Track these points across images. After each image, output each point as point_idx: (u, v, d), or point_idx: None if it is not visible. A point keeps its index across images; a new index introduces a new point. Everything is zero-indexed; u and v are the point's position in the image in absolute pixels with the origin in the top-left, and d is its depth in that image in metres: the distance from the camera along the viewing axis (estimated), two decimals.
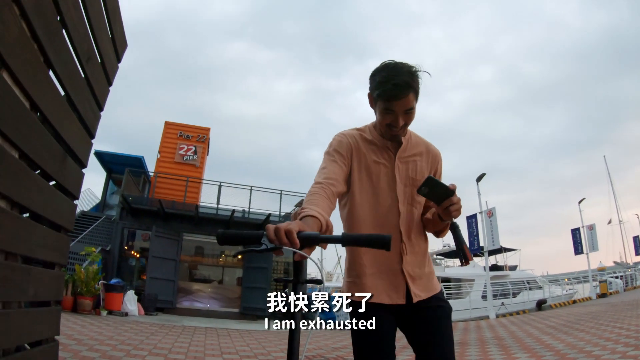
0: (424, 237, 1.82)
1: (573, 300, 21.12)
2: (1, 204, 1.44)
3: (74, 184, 2.11)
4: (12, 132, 1.45)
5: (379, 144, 1.79)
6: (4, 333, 1.49)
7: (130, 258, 17.09)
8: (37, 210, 1.70)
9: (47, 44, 1.67)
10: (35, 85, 1.61)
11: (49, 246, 1.85)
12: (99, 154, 20.37)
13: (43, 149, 1.72)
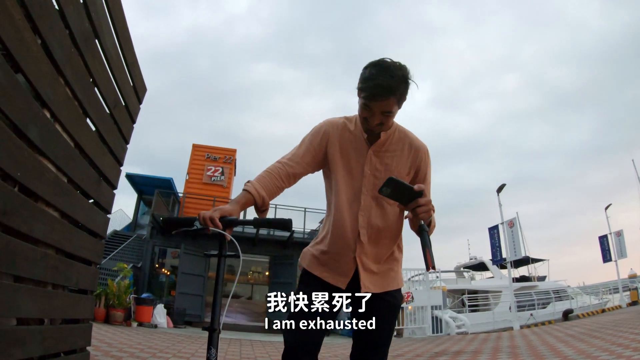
0: (391, 233, 1.81)
1: (602, 310, 20.70)
2: (54, 214, 2.09)
3: (107, 201, 2.77)
4: (62, 164, 2.12)
5: (358, 135, 1.80)
6: (54, 307, 2.13)
7: (161, 275, 17.84)
8: (80, 220, 2.36)
9: (84, 99, 2.34)
10: (77, 130, 2.27)
11: (88, 248, 2.51)
12: (130, 176, 21.36)
13: (83, 175, 2.38)
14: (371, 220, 1.77)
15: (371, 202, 1.77)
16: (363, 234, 1.76)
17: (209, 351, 1.46)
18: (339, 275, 1.78)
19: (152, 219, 17.06)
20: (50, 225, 2.02)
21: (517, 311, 17.21)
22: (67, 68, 2.13)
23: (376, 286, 1.78)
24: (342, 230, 1.77)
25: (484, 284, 24.65)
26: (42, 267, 1.96)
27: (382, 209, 1.78)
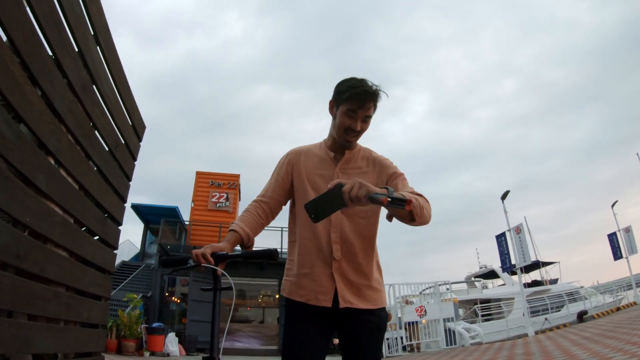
0: (365, 247, 1.84)
1: (617, 308, 20.48)
2: (63, 253, 2.22)
3: (113, 238, 2.90)
4: (69, 206, 2.25)
5: (324, 156, 1.90)
6: (67, 341, 2.25)
7: (171, 303, 17.85)
8: (88, 257, 2.48)
9: (86, 144, 2.48)
10: (80, 173, 2.41)
11: (97, 284, 2.63)
12: (135, 206, 21.47)
13: (89, 214, 2.51)
14: (344, 236, 1.80)
15: (342, 218, 1.79)
16: (337, 249, 1.78)
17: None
18: (321, 294, 1.77)
19: (159, 248, 17.15)
20: (60, 265, 2.15)
21: (530, 316, 17.08)
22: (68, 116, 2.27)
23: (357, 300, 1.79)
24: (315, 249, 1.81)
25: (496, 292, 24.44)
26: (55, 305, 2.08)
27: (354, 224, 1.81)
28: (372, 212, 1.83)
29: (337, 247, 1.79)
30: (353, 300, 1.78)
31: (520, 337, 15.82)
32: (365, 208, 1.78)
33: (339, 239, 1.79)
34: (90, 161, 2.57)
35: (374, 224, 1.87)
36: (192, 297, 15.50)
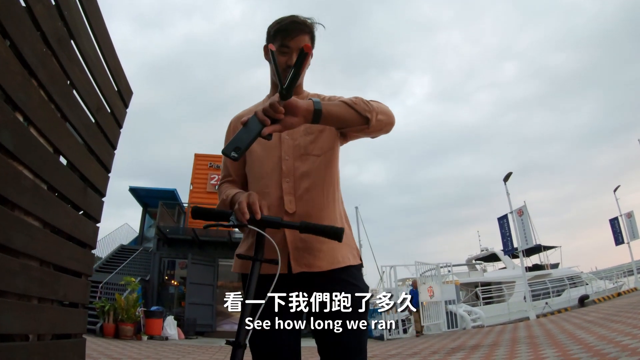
0: (324, 192, 1.59)
1: (618, 293, 20.53)
2: (35, 223, 1.97)
3: (95, 210, 2.65)
4: (40, 170, 2.00)
5: None
6: (41, 321, 2.01)
7: (170, 286, 17.81)
8: (65, 230, 2.23)
9: (62, 103, 2.22)
10: (55, 135, 2.15)
11: (76, 259, 2.38)
12: (133, 189, 21.42)
13: (66, 182, 2.26)
14: (296, 184, 1.56)
15: (294, 164, 1.57)
16: (289, 201, 1.54)
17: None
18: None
19: (157, 230, 17.03)
20: (31, 236, 1.90)
21: (532, 300, 17.07)
22: (40, 70, 2.01)
23: (318, 260, 1.51)
24: (264, 206, 1.47)
25: (497, 275, 24.49)
26: (24, 279, 1.84)
27: (308, 164, 1.58)
28: (328, 146, 1.61)
29: (291, 199, 1.54)
30: (311, 260, 1.51)
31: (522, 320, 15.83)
32: (321, 144, 1.59)
33: (292, 189, 1.55)
34: (67, 123, 2.31)
35: (332, 161, 1.63)
36: (191, 280, 15.40)
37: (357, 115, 1.42)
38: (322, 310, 1.45)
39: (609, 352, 4.83)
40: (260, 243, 1.39)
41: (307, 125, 1.52)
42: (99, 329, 11.76)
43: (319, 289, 1.46)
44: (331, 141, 1.61)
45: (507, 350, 6.87)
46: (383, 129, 1.54)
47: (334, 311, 1.43)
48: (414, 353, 7.94)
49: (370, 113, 1.43)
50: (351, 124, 1.44)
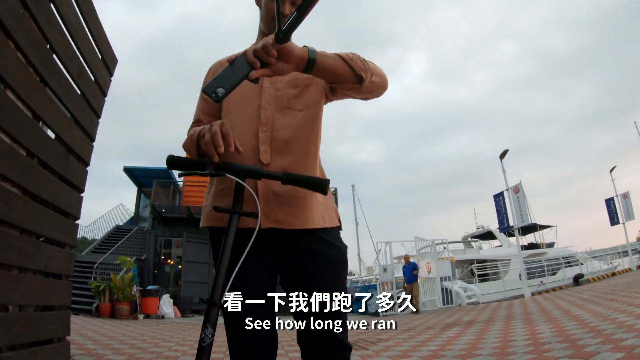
0: (302, 147, 1.47)
1: (612, 273, 20.69)
2: (14, 190, 1.90)
3: (78, 179, 2.57)
4: (18, 135, 1.92)
5: None
6: (21, 292, 1.95)
7: (166, 265, 17.84)
8: (46, 197, 2.16)
9: (41, 67, 2.13)
10: (34, 99, 2.07)
11: (58, 228, 2.31)
12: (128, 169, 21.29)
13: (46, 148, 2.18)
14: (275, 134, 1.44)
15: (274, 114, 1.46)
16: (265, 151, 1.42)
17: (204, 330, 1.16)
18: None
19: (152, 210, 16.98)
20: (7, 202, 1.83)
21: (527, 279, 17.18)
22: (17, 31, 1.92)
23: (289, 217, 1.40)
24: (237, 155, 1.38)
25: (493, 252, 24.65)
26: (2, 248, 1.77)
27: (289, 118, 1.47)
28: (312, 100, 1.49)
29: (266, 149, 1.42)
30: (282, 217, 1.40)
31: (517, 298, 15.94)
32: (306, 98, 1.48)
33: (269, 139, 1.43)
34: (47, 88, 2.22)
35: (315, 117, 1.51)
36: (187, 258, 15.39)
37: (351, 72, 1.32)
38: (297, 272, 1.40)
39: (605, 329, 4.83)
40: (240, 194, 1.29)
41: (293, 76, 1.46)
42: (94, 309, 11.76)
43: (290, 245, 1.40)
44: (317, 96, 1.49)
45: (502, 326, 6.89)
46: (375, 91, 1.44)
47: (310, 273, 1.38)
48: (409, 328, 7.97)
49: (365, 72, 1.34)
50: (344, 80, 1.34)
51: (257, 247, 1.31)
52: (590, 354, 3.52)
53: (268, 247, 1.40)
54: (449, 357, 4.32)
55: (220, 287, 1.19)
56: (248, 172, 1.29)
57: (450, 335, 6.37)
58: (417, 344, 5.66)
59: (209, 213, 1.47)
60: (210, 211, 1.45)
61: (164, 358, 4.58)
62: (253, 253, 1.27)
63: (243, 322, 1.32)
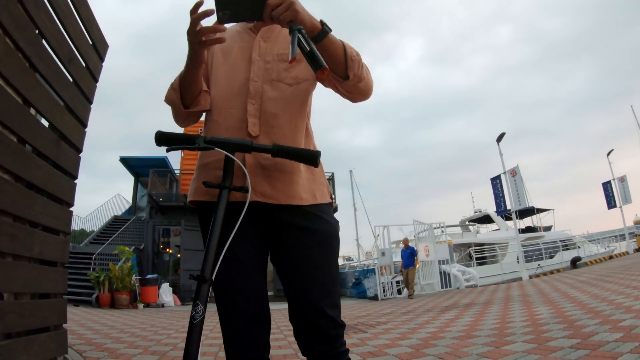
0: (292, 121, 1.44)
1: (610, 256, 20.80)
2: (6, 177, 1.87)
3: (71, 165, 2.55)
4: (9, 121, 1.89)
5: (241, 29, 1.57)
6: (15, 279, 1.93)
7: (164, 254, 17.86)
8: (38, 184, 2.13)
9: (30, 52, 2.09)
10: (24, 85, 2.03)
11: (52, 215, 2.29)
12: (124, 159, 21.23)
13: (37, 134, 2.15)
14: (263, 107, 1.40)
15: (263, 86, 1.42)
16: (253, 123, 1.38)
17: (195, 307, 1.14)
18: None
19: (149, 199, 16.95)
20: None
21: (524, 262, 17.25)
22: (4, 15, 1.88)
23: (276, 191, 1.36)
24: (224, 128, 1.40)
25: (490, 236, 24.71)
26: None
27: (278, 92, 1.43)
28: (303, 77, 1.46)
29: (255, 121, 1.38)
30: (268, 190, 1.35)
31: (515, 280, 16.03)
32: (296, 74, 1.45)
33: (257, 112, 1.39)
34: (37, 73, 2.18)
35: (305, 93, 1.48)
36: (185, 247, 15.40)
37: (343, 65, 1.32)
38: (286, 248, 1.36)
39: (603, 310, 4.86)
40: (229, 168, 1.27)
41: (283, 50, 1.46)
42: (94, 300, 11.78)
43: (279, 220, 1.36)
44: (307, 74, 1.46)
45: (500, 308, 6.92)
46: (353, 94, 1.44)
47: (299, 248, 1.34)
48: (407, 311, 8.01)
49: (354, 74, 1.33)
50: (332, 67, 1.32)
51: (247, 223, 1.30)
52: (589, 334, 3.54)
53: (257, 223, 1.37)
54: (447, 338, 4.33)
55: (211, 263, 1.18)
56: (237, 145, 1.26)
57: (449, 317, 6.40)
58: (415, 326, 5.68)
59: (197, 187, 1.44)
60: (199, 185, 1.42)
61: (164, 345, 4.58)
62: (242, 230, 1.28)
63: (234, 301, 1.32)
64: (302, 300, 1.33)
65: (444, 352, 3.65)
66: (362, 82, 1.38)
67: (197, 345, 1.12)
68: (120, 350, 4.14)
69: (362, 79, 1.36)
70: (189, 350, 1.11)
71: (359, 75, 1.34)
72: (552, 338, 3.64)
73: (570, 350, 3.10)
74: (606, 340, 3.20)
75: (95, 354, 3.88)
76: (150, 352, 4.12)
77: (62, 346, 2.40)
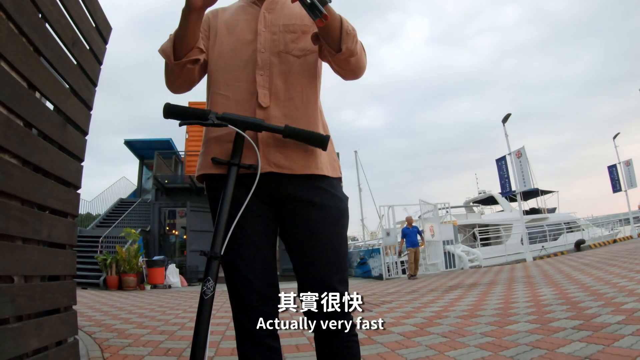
0: (304, 95, 1.43)
1: (614, 240, 20.79)
2: (13, 161, 1.89)
3: (77, 148, 2.56)
4: (14, 105, 1.90)
5: (245, 3, 1.57)
6: (25, 263, 1.96)
7: (171, 236, 18.00)
8: (45, 167, 2.15)
9: (34, 36, 2.09)
10: (29, 69, 2.03)
11: (60, 198, 2.31)
12: (128, 142, 21.25)
13: (43, 118, 2.16)
14: (273, 78, 1.40)
15: (271, 58, 1.42)
16: (264, 94, 1.37)
17: (206, 283, 1.17)
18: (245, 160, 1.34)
19: (155, 181, 17.02)
20: (7, 173, 1.82)
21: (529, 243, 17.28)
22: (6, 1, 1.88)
23: (289, 161, 1.35)
24: (234, 101, 1.39)
25: (495, 217, 24.71)
26: (2, 219, 1.77)
27: (287, 64, 1.42)
28: (309, 48, 1.45)
29: (265, 92, 1.38)
30: (282, 161, 1.34)
31: (519, 262, 16.09)
32: (303, 45, 1.44)
33: (267, 83, 1.39)
34: (41, 57, 2.18)
35: (314, 66, 1.48)
36: (191, 228, 15.50)
37: (337, 39, 1.31)
38: (296, 223, 1.36)
39: (606, 292, 4.89)
40: (239, 145, 1.29)
41: (289, 20, 1.47)
42: (102, 282, 11.94)
43: (290, 194, 1.36)
44: (313, 46, 1.44)
45: (504, 288, 6.98)
46: (344, 70, 1.43)
47: (309, 224, 1.34)
48: (412, 291, 8.08)
49: (347, 47, 1.32)
50: (327, 38, 1.31)
51: (256, 198, 1.32)
52: (592, 316, 3.57)
53: (266, 199, 1.38)
54: (451, 317, 4.38)
55: (221, 240, 1.21)
56: (250, 124, 1.28)
57: (453, 297, 6.46)
58: (420, 305, 5.74)
59: (205, 161, 1.43)
60: (206, 159, 1.42)
61: (172, 325, 4.65)
62: (252, 206, 1.30)
63: (244, 277, 1.33)
64: (312, 275, 1.33)
65: (448, 330, 3.70)
66: (354, 57, 1.36)
67: (207, 321, 1.16)
68: (129, 331, 4.22)
69: (354, 54, 1.35)
70: (200, 326, 1.15)
71: (351, 49, 1.32)
72: (555, 319, 3.68)
73: (572, 331, 3.13)
74: (608, 322, 3.23)
75: (105, 335, 3.96)
76: (158, 331, 4.19)
77: (73, 327, 2.44)
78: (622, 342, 2.67)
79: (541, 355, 2.64)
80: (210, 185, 1.44)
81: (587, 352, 2.58)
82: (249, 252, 1.34)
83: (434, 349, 3.07)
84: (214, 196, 1.38)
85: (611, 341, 2.72)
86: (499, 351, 2.83)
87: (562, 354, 2.60)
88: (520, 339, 3.10)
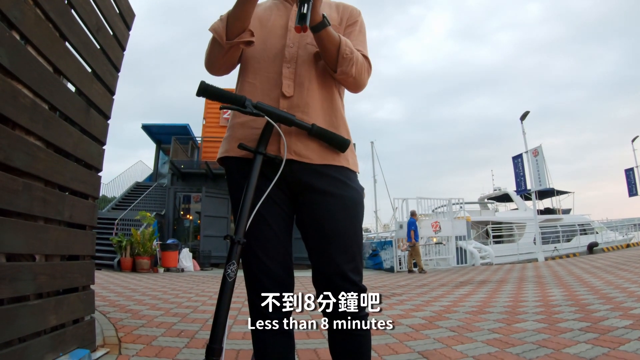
0: (327, 88, 1.50)
1: (627, 244, 20.54)
2: (38, 143, 1.96)
3: (100, 132, 2.64)
4: (40, 89, 1.96)
5: (278, 1, 1.65)
6: (46, 242, 2.03)
7: (185, 220, 18.16)
8: (69, 150, 2.22)
9: (60, 22, 2.15)
10: (54, 54, 2.10)
11: (81, 180, 2.39)
12: (146, 127, 21.42)
13: (68, 102, 2.22)
14: (298, 70, 1.47)
15: (298, 52, 1.49)
16: (288, 85, 1.44)
17: (230, 266, 1.23)
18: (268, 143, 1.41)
19: (171, 166, 17.16)
20: (32, 155, 1.89)
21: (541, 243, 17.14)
22: None
23: (309, 150, 1.40)
24: (260, 89, 1.46)
25: (508, 215, 24.50)
26: (26, 199, 1.84)
27: (312, 58, 1.49)
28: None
29: (289, 83, 1.45)
30: (303, 150, 1.40)
31: (530, 261, 15.98)
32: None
33: (292, 74, 1.46)
34: (66, 42, 2.24)
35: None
36: (205, 213, 15.61)
37: (334, 61, 1.41)
38: (312, 212, 1.40)
39: (615, 297, 4.86)
40: (267, 135, 1.34)
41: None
42: (116, 264, 12.12)
43: (307, 183, 1.40)
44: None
45: (514, 287, 6.95)
46: (342, 83, 1.52)
47: (325, 213, 1.38)
48: (422, 285, 8.09)
49: (342, 70, 1.42)
50: (324, 58, 1.45)
51: (274, 184, 1.36)
52: (599, 319, 3.56)
53: (285, 187, 1.42)
54: (460, 313, 4.40)
55: (244, 226, 1.26)
56: (282, 117, 1.33)
57: (463, 293, 6.46)
58: (429, 299, 5.76)
59: (229, 145, 1.48)
60: (231, 143, 1.47)
61: (184, 307, 4.74)
62: (270, 194, 1.35)
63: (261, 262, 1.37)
64: (326, 263, 1.37)
65: (457, 325, 3.72)
66: (351, 79, 1.45)
67: (228, 303, 1.22)
68: (142, 312, 4.31)
69: (350, 76, 1.44)
70: (221, 307, 1.20)
71: (346, 72, 1.42)
72: (562, 320, 3.68)
73: (579, 332, 3.14)
74: (615, 326, 3.23)
75: (119, 315, 4.05)
76: (171, 314, 4.27)
77: (90, 306, 2.52)
78: (627, 347, 2.68)
79: (547, 355, 2.66)
80: (230, 169, 1.49)
81: (593, 354, 2.59)
82: (266, 237, 1.38)
83: (442, 342, 3.10)
84: (235, 180, 1.45)
85: (617, 345, 2.73)
86: (505, 348, 2.86)
87: (568, 354, 2.62)
88: (528, 337, 3.11)
